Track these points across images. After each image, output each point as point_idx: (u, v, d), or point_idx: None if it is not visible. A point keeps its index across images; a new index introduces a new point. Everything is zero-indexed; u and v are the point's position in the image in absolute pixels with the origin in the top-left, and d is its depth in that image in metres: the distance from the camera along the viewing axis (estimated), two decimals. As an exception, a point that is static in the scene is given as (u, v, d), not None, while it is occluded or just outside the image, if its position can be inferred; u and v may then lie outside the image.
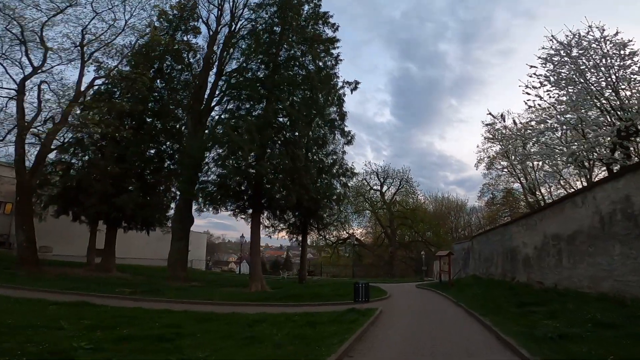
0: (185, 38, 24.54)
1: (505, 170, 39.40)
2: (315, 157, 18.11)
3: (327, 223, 23.06)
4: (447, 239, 42.97)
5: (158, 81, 25.02)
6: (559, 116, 14.38)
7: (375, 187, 45.09)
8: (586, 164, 34.98)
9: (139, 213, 23.17)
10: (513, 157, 38.84)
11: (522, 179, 38.47)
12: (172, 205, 22.68)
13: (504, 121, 13.18)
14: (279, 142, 16.87)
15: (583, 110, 14.01)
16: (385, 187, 45.18)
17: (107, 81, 23.31)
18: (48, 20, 19.95)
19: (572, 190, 14.18)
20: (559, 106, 14.67)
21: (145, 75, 20.89)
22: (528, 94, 15.09)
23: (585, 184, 17.83)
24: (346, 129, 19.23)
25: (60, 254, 28.54)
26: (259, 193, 16.47)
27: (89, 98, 23.28)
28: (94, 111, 22.53)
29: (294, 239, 22.92)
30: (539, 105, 15.21)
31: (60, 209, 23.31)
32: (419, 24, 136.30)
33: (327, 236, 46.93)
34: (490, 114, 12.73)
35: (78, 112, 22.79)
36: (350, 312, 8.88)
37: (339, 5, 72.61)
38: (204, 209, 19.28)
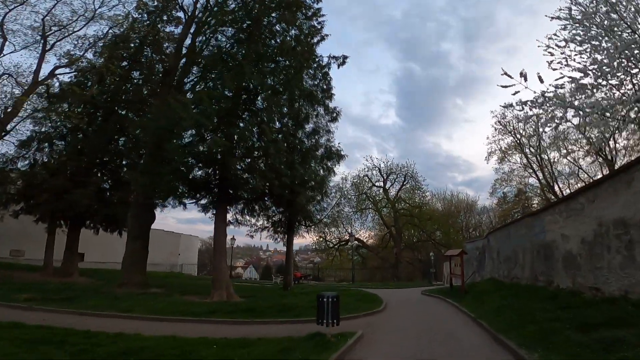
0: (166, 29, 22.42)
1: (519, 164, 35.99)
2: (293, 137, 14.82)
3: (316, 220, 19.74)
4: (458, 239, 39.19)
5: (137, 72, 22.79)
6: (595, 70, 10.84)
7: (377, 184, 41.55)
8: (608, 155, 31.23)
9: (102, 211, 20.50)
10: (530, 147, 35.14)
11: (537, 172, 34.95)
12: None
13: (525, 80, 9.58)
14: (248, 119, 13.65)
15: (621, 75, 10.58)
16: (388, 184, 41.60)
17: (71, 70, 21.59)
18: (10, 11, 18.65)
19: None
20: (593, 66, 11.16)
21: (115, 65, 19.33)
22: (551, 54, 11.46)
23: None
24: (331, 104, 16.03)
25: (34, 257, 26.22)
26: (223, 181, 13.34)
27: (57, 90, 21.55)
28: (60, 104, 20.77)
29: (279, 240, 19.65)
30: (567, 64, 11.59)
31: (21, 209, 20.92)
32: (420, 23, 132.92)
33: (327, 237, 43.85)
34: (505, 73, 9.02)
35: (44, 103, 21.37)
36: (307, 342, 5.59)
37: (338, 6, 70.37)
38: (166, 204, 16.40)
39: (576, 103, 11.17)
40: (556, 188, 33.59)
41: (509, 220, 20.92)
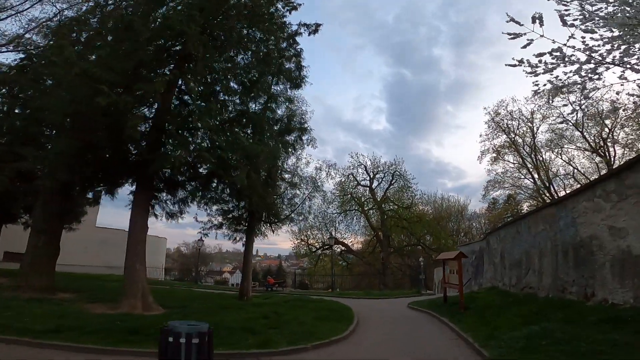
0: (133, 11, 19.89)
1: (513, 163, 33.46)
2: (242, 105, 11.36)
3: (282, 215, 16.31)
4: (448, 244, 36.16)
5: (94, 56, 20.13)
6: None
7: (363, 183, 38.22)
8: (605, 153, 28.79)
9: (20, 201, 16.86)
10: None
11: (532, 171, 32.48)
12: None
13: (541, 26, 6.13)
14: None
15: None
16: (375, 183, 38.28)
17: (9, 50, 19.05)
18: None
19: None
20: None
21: (62, 47, 16.99)
22: (565, 4, 8.24)
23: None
24: (295, 72, 12.79)
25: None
26: (132, 156, 9.93)
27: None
28: None
29: (238, 239, 16.14)
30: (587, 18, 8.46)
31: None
32: (412, 28, 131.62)
33: (309, 241, 40.24)
34: (512, 19, 5.53)
35: None
36: None
37: (330, 10, 68.13)
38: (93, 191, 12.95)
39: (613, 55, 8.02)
40: (552, 191, 31.35)
41: (513, 217, 17.81)
